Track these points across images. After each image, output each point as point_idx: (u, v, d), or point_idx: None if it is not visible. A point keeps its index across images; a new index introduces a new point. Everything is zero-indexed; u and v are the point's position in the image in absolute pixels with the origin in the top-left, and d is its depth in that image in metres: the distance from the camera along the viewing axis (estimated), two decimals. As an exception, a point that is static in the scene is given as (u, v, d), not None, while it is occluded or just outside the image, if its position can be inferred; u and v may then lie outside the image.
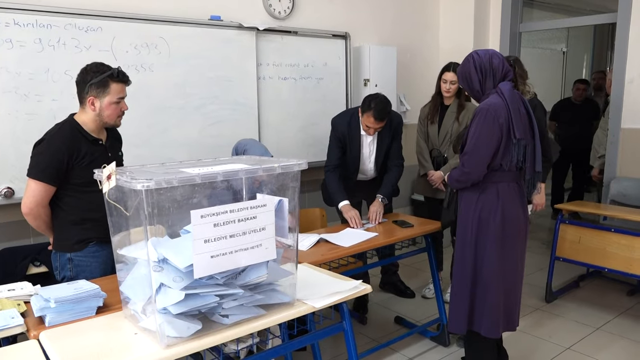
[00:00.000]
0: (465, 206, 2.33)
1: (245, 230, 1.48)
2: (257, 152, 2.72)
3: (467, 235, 2.30)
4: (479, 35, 4.83)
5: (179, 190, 1.36)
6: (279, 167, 1.55)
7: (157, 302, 1.38)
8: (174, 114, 3.18)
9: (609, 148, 4.11)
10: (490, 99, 2.18)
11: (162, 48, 3.08)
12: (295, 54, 3.76)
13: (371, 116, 2.97)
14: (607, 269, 3.28)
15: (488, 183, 2.24)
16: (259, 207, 1.52)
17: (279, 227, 1.67)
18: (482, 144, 2.17)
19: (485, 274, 2.27)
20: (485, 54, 2.24)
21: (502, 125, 2.16)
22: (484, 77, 2.20)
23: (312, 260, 2.25)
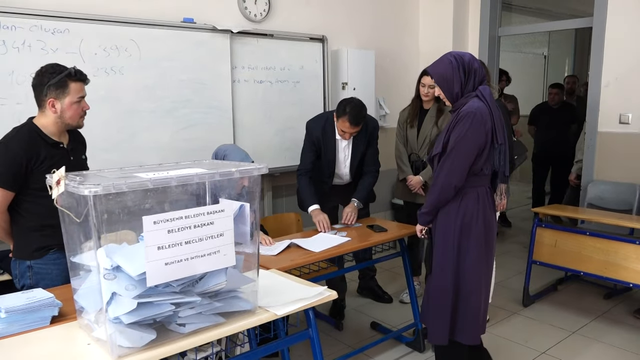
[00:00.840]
0: (445, 214, 2.27)
1: (202, 236, 1.46)
2: (237, 157, 2.70)
3: (449, 243, 2.25)
4: (458, 39, 4.86)
5: (129, 195, 1.33)
6: (237, 172, 1.52)
7: (108, 312, 1.34)
8: (145, 117, 3.15)
9: (586, 152, 4.16)
10: (473, 102, 2.15)
11: (133, 50, 3.05)
12: (271, 57, 3.75)
13: (346, 121, 2.96)
14: (582, 272, 3.31)
15: (469, 188, 2.22)
16: (217, 212, 1.49)
17: (241, 232, 1.65)
18: (468, 148, 2.13)
19: (468, 280, 2.24)
20: (465, 55, 2.21)
21: (488, 130, 2.14)
22: (467, 79, 2.17)
23: (281, 266, 2.23)
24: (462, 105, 2.20)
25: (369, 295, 3.74)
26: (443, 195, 2.21)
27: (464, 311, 2.25)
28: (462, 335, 2.27)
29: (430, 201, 2.26)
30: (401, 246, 2.95)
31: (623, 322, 3.31)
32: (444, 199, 2.22)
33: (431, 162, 2.35)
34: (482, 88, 2.19)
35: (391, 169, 4.63)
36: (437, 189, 2.21)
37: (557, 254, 3.44)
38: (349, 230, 2.91)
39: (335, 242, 2.58)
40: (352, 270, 3.05)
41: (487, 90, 2.20)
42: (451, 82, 2.19)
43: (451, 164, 2.16)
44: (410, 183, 3.49)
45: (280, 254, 2.44)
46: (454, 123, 2.18)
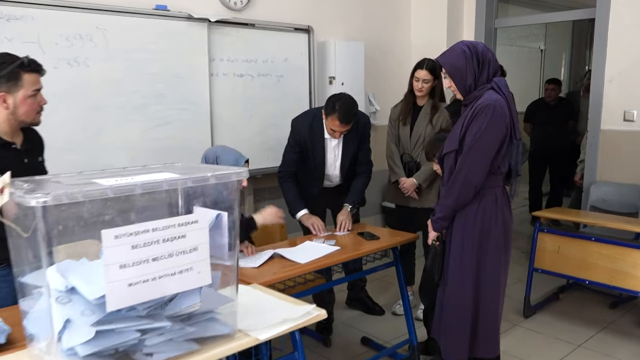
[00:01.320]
0: (462, 218, 2.19)
1: (172, 251, 1.33)
2: (231, 159, 2.57)
3: (467, 250, 2.18)
4: (453, 31, 4.78)
5: (86, 206, 1.19)
6: (212, 177, 1.40)
7: (62, 341, 1.21)
8: (113, 114, 3.00)
9: (588, 151, 4.11)
10: (489, 95, 2.09)
11: (99, 40, 2.90)
12: (252, 49, 3.62)
13: (336, 119, 2.85)
14: (588, 281, 3.24)
15: (487, 189, 2.15)
16: (189, 224, 1.37)
17: (217, 245, 1.52)
18: (489, 144, 2.07)
19: (489, 289, 2.18)
20: (479, 44, 2.15)
21: (508, 124, 2.09)
22: (481, 70, 2.10)
23: (263, 281, 2.11)
24: (476, 99, 2.12)
25: (358, 307, 3.63)
26: (462, 197, 2.13)
27: (485, 323, 2.19)
28: (483, 349, 2.19)
29: (448, 204, 2.18)
30: (394, 255, 2.85)
31: (631, 334, 3.25)
32: (462, 201, 2.14)
33: (441, 162, 2.27)
34: (497, 79, 2.13)
35: (381, 170, 4.52)
36: (455, 190, 2.13)
37: (560, 260, 3.37)
38: (338, 238, 2.79)
39: (323, 252, 2.46)
40: (341, 283, 2.93)
41: (503, 82, 2.14)
42: (464, 73, 2.12)
43: (472, 162, 2.09)
44: (403, 186, 3.39)
45: (263, 266, 2.32)
46: (470, 117, 2.10)
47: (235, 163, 2.53)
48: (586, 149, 4.15)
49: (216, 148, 2.66)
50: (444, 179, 2.25)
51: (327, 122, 2.93)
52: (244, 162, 2.56)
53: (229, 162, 2.53)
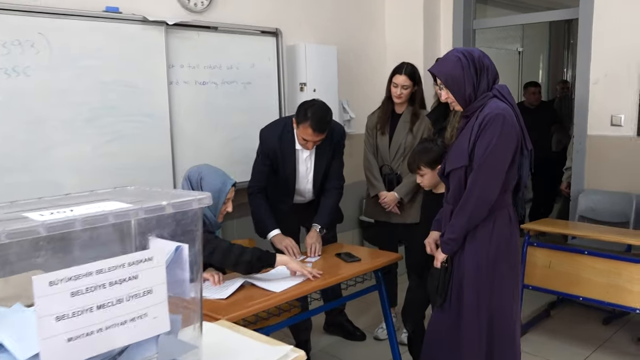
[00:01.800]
0: (474, 241, 2.14)
1: (121, 296, 1.18)
2: (217, 181, 2.43)
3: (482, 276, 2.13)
4: (430, 33, 4.73)
5: (13, 248, 1.03)
6: (169, 206, 1.25)
7: (-15, 413, 1.04)
8: (59, 128, 2.81)
9: (575, 158, 4.09)
10: (494, 103, 2.05)
11: (41, 46, 2.72)
12: (215, 54, 3.48)
13: (309, 127, 2.74)
14: (581, 297, 3.18)
15: (500, 209, 2.11)
16: (142, 262, 1.22)
17: (178, 281, 1.38)
18: (503, 157, 2.04)
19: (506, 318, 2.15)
20: (474, 51, 2.11)
21: (518, 134, 2.05)
22: (479, 78, 2.07)
23: (233, 314, 1.97)
24: (478, 109, 2.07)
25: (337, 332, 3.50)
26: (476, 216, 2.09)
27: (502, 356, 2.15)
28: None
29: (460, 224, 2.12)
30: (376, 277, 2.73)
31: (627, 352, 3.21)
32: (476, 220, 2.10)
33: (445, 178, 2.21)
34: (499, 87, 2.10)
35: (358, 182, 4.43)
36: (468, 209, 2.08)
37: (551, 276, 3.32)
38: (313, 262, 2.65)
39: (299, 279, 2.32)
40: (319, 312, 2.79)
41: (506, 89, 2.10)
42: (462, 83, 2.07)
43: (485, 178, 2.04)
44: (383, 201, 3.29)
45: (232, 297, 2.16)
46: (478, 129, 2.04)
47: (222, 187, 2.39)
48: (572, 155, 4.13)
49: (200, 168, 2.52)
50: (450, 196, 2.19)
51: (299, 132, 2.82)
52: (230, 185, 2.42)
53: (214, 186, 2.41)
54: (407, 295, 2.89)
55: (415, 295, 2.73)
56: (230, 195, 2.43)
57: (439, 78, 2.17)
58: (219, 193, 2.38)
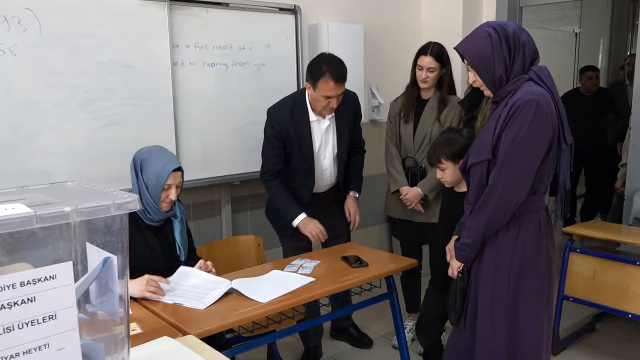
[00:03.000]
0: (495, 249, 1.87)
1: (10, 323, 0.97)
2: (157, 164, 2.20)
3: (503, 289, 1.86)
4: (470, 9, 4.35)
5: None
6: (73, 213, 1.02)
7: None
8: (50, 112, 2.65)
9: (631, 152, 3.67)
10: (529, 87, 1.76)
11: (30, 23, 2.54)
12: (226, 33, 3.24)
13: (329, 79, 2.58)
14: (631, 314, 2.80)
15: (528, 213, 1.83)
16: (41, 281, 1.00)
17: (106, 299, 1.18)
18: (533, 150, 1.76)
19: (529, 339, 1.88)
20: (509, 25, 1.81)
21: (555, 125, 1.77)
22: (513, 57, 1.79)
23: (206, 328, 1.75)
24: (510, 93, 1.80)
25: (344, 338, 3.27)
26: (497, 219, 1.81)
27: None
28: None
29: (477, 228, 1.84)
30: (388, 284, 2.45)
31: (683, 379, 2.81)
32: (497, 223, 1.82)
33: (466, 174, 1.94)
34: (537, 68, 1.81)
35: (384, 173, 4.14)
36: (488, 210, 1.80)
37: (596, 287, 2.95)
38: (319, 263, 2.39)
39: (291, 286, 2.07)
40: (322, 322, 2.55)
41: (545, 71, 1.81)
42: (491, 63, 1.79)
43: (510, 174, 1.75)
44: (405, 197, 3.00)
45: (214, 306, 1.93)
46: (505, 117, 1.76)
47: (160, 170, 2.16)
48: (629, 150, 3.70)
49: (147, 149, 2.31)
50: (470, 195, 1.92)
51: (318, 92, 2.63)
52: (172, 169, 2.17)
53: (154, 168, 2.19)
54: (423, 307, 2.61)
55: (431, 308, 2.44)
56: (172, 182, 2.17)
57: (465, 57, 1.89)
58: (157, 177, 2.15)
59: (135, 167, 2.23)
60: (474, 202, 1.89)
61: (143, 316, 1.83)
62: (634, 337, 3.29)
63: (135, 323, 1.76)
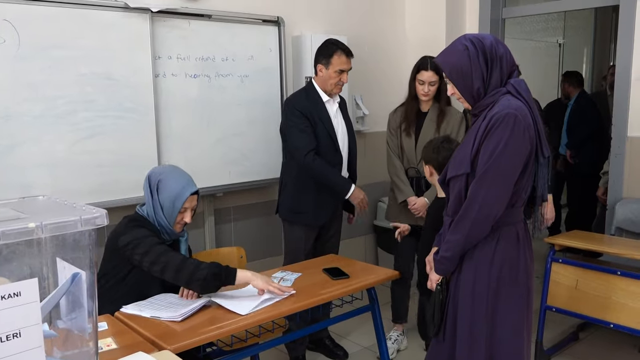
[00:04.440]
0: (473, 262, 1.87)
1: (-29, 343, 0.95)
2: (176, 186, 2.19)
3: (482, 303, 1.86)
4: (454, 21, 4.40)
5: None
6: (38, 229, 1.01)
7: None
8: (29, 124, 2.63)
9: (612, 162, 3.69)
10: (507, 101, 1.77)
11: (8, 35, 2.53)
12: (208, 45, 3.24)
13: (342, 54, 2.90)
14: (612, 324, 2.81)
15: (506, 225, 1.84)
16: (5, 298, 1.00)
17: (75, 315, 1.17)
18: (512, 164, 1.76)
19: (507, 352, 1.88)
20: (486, 38, 1.82)
21: (533, 138, 1.78)
22: (490, 70, 1.79)
23: (183, 342, 1.73)
24: (488, 107, 1.80)
25: (319, 350, 3.26)
26: (476, 233, 1.81)
27: None
28: None
29: (455, 242, 1.84)
30: (370, 296, 2.45)
31: (665, 388, 2.82)
32: (475, 237, 1.82)
33: (446, 186, 1.94)
34: (515, 81, 1.81)
35: (372, 183, 4.16)
36: (467, 223, 1.80)
37: (578, 298, 2.96)
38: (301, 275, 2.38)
39: (272, 298, 2.06)
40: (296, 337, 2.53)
41: (523, 84, 1.81)
42: (469, 76, 1.80)
43: (489, 189, 1.75)
44: (414, 207, 3.04)
45: (189, 319, 1.92)
46: (484, 131, 1.77)
47: (179, 193, 2.16)
48: (610, 159, 3.73)
49: (164, 169, 2.31)
50: (449, 208, 1.93)
51: (331, 69, 2.90)
52: (190, 192, 2.18)
53: (171, 191, 2.18)
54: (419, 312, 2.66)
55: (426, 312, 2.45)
56: (189, 205, 2.19)
57: (443, 70, 1.91)
58: (174, 200, 2.14)
59: (151, 186, 2.20)
60: (452, 215, 1.89)
61: (119, 331, 1.80)
62: (617, 346, 3.30)
63: (110, 338, 1.73)
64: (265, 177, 3.53)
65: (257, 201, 3.70)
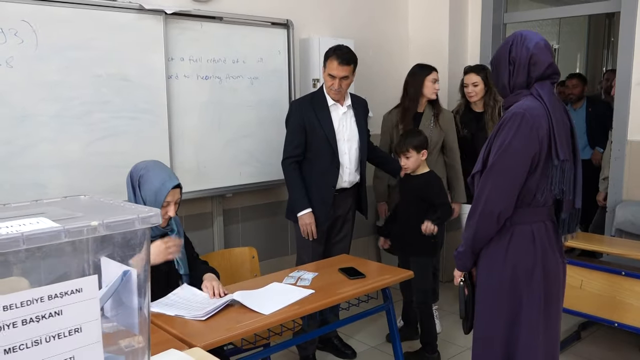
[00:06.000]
0: (487, 260, 1.90)
1: (39, 336, 0.97)
2: (155, 181, 2.19)
3: (495, 303, 1.89)
4: (456, 26, 4.45)
5: None
6: (100, 227, 1.03)
7: None
8: (46, 124, 2.64)
9: (613, 165, 3.76)
10: (524, 101, 1.81)
11: (26, 35, 2.54)
12: (220, 47, 3.27)
13: (335, 60, 2.88)
14: (617, 323, 2.88)
15: (520, 224, 1.85)
16: (68, 294, 1.01)
17: (125, 312, 1.18)
18: (515, 161, 1.78)
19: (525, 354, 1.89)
20: (532, 38, 1.84)
21: (543, 139, 1.77)
22: (515, 71, 1.83)
23: (210, 341, 1.76)
24: (510, 105, 1.86)
25: (328, 349, 3.29)
26: (483, 230, 1.84)
27: None
28: None
29: (467, 237, 1.90)
30: (384, 296, 2.48)
31: (668, 386, 2.88)
32: (483, 234, 1.85)
33: (471, 184, 1.99)
34: (539, 85, 1.82)
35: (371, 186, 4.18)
36: (474, 220, 1.84)
37: (583, 297, 3.02)
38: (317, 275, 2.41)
39: (293, 298, 2.09)
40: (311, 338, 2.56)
41: (546, 88, 1.82)
42: (498, 70, 1.88)
43: (493, 184, 1.79)
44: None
45: (214, 317, 1.94)
46: (496, 129, 1.82)
47: (160, 187, 2.16)
48: (610, 163, 3.80)
49: (144, 164, 2.28)
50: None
51: (325, 72, 2.95)
52: (171, 186, 2.18)
53: (152, 186, 2.17)
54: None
55: None
56: (171, 199, 2.18)
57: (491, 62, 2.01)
58: (156, 194, 2.15)
59: (133, 182, 2.22)
60: None
61: (147, 329, 1.82)
62: (618, 345, 3.37)
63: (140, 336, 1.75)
64: (275, 178, 3.56)
65: (264, 202, 3.72)
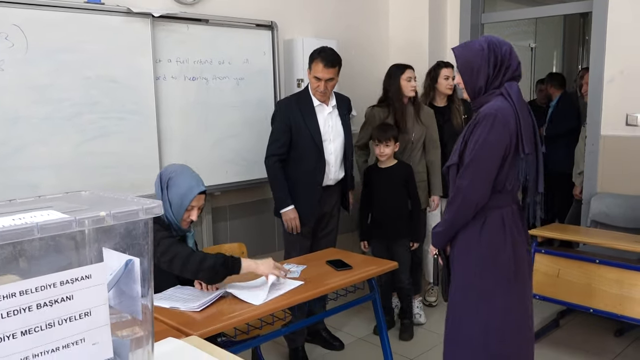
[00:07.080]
0: (463, 243, 2.09)
1: (52, 319, 1.04)
2: (183, 185, 2.28)
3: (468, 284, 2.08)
4: (435, 26, 4.57)
5: None
6: (109, 217, 1.10)
7: None
8: (36, 126, 2.69)
9: (587, 159, 3.90)
10: (495, 102, 1.98)
11: (16, 39, 2.59)
12: (206, 48, 3.34)
13: (320, 63, 2.92)
14: (592, 309, 3.01)
15: (491, 209, 2.04)
16: (79, 280, 1.08)
17: (128, 300, 1.25)
18: (491, 156, 1.97)
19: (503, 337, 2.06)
20: (504, 45, 2.01)
21: (512, 135, 1.97)
22: (495, 74, 2.00)
23: (206, 329, 1.83)
24: (483, 105, 2.02)
25: (316, 342, 3.38)
26: (461, 215, 2.04)
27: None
28: None
29: (446, 220, 2.11)
30: (370, 286, 2.58)
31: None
32: (461, 218, 2.05)
33: (446, 173, 2.20)
34: (509, 85, 2.00)
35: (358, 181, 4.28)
36: (454, 206, 2.05)
37: (560, 285, 3.14)
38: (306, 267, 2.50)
39: (283, 289, 2.17)
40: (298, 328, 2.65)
41: (515, 88, 2.01)
42: (475, 74, 2.00)
43: (472, 177, 1.98)
44: None
45: (207, 309, 2.02)
46: (471, 127, 2.01)
47: (186, 192, 2.25)
48: (585, 157, 3.94)
49: (174, 167, 2.38)
50: (449, 190, 2.17)
51: (311, 74, 3.00)
52: (197, 192, 2.27)
53: (179, 189, 2.27)
54: None
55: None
56: (196, 204, 2.28)
57: (456, 61, 2.10)
58: (182, 198, 2.24)
59: (162, 183, 2.30)
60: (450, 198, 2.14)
61: (143, 320, 1.89)
62: (594, 331, 3.51)
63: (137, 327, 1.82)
64: (261, 177, 3.62)
65: (251, 199, 3.80)
